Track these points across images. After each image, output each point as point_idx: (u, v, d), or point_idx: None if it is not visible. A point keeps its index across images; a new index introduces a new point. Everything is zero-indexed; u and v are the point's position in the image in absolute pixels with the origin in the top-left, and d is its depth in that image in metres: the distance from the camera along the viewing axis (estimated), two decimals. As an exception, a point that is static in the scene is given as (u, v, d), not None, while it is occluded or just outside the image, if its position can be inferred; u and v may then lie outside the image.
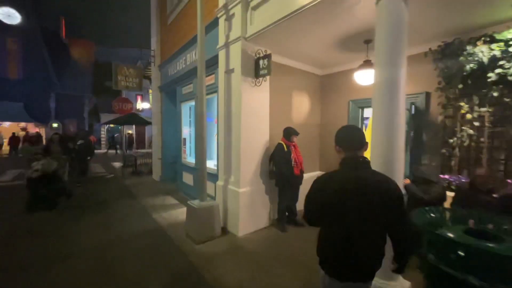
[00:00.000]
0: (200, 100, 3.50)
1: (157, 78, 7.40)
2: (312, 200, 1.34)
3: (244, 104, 3.55)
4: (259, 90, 3.75)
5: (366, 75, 3.44)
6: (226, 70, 3.80)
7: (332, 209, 1.25)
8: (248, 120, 3.62)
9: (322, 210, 1.29)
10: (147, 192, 6.14)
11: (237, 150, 3.59)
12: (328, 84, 5.04)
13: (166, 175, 7.29)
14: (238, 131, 3.58)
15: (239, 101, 3.55)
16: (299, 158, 3.75)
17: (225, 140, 3.91)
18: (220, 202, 3.90)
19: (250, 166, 3.71)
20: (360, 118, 4.57)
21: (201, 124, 3.51)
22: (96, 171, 9.77)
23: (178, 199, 5.50)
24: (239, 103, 3.55)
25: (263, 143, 3.87)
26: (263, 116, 3.87)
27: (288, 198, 3.85)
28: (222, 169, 3.96)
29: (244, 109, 3.55)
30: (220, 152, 4.00)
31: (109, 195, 5.94)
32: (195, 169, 5.18)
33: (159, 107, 7.47)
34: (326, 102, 5.09)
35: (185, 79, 5.55)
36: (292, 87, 4.55)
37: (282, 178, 3.71)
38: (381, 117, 2.12)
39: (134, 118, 8.79)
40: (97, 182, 7.47)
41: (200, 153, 3.52)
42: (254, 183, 3.75)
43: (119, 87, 6.85)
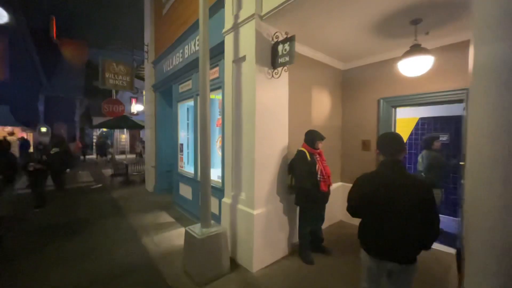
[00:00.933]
0: (203, 97, 2.70)
1: (150, 76, 6.59)
2: (353, 195, 1.68)
3: (259, 101, 2.77)
4: (277, 84, 2.98)
5: (416, 64, 2.69)
6: (235, 59, 3.02)
7: (368, 203, 1.57)
8: (264, 122, 2.83)
9: (361, 204, 1.63)
10: (138, 207, 5.28)
11: (250, 161, 2.79)
12: (352, 80, 4.29)
13: (160, 186, 6.44)
14: (251, 136, 2.79)
15: (252, 98, 2.77)
16: (326, 170, 2.96)
17: (234, 148, 3.11)
18: (227, 224, 3.09)
19: (266, 180, 2.91)
20: (394, 120, 3.82)
21: (204, 128, 2.70)
22: (83, 179, 8.86)
23: (173, 216, 4.65)
24: (252, 100, 2.77)
25: (281, 150, 3.08)
26: (281, 117, 3.08)
27: (312, 221, 3.05)
28: (230, 183, 3.15)
29: (259, 108, 2.77)
30: (227, 162, 3.20)
31: (92, 211, 5.06)
32: (194, 180, 4.35)
33: (152, 109, 6.65)
34: (349, 102, 4.34)
35: (182, 75, 4.76)
36: (311, 83, 3.79)
37: (304, 196, 2.91)
38: (492, 113, 1.34)
39: (125, 122, 7.94)
40: (80, 194, 6.56)
41: (203, 165, 2.71)
42: (270, 202, 2.95)
43: (106, 86, 6.02)
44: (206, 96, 2.68)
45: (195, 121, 4.36)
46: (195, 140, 4.40)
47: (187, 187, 4.72)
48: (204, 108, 2.69)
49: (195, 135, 4.38)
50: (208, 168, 2.72)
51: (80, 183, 8.30)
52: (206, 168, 2.70)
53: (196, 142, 4.36)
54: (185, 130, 5.30)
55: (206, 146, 2.70)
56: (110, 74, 5.93)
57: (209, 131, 2.72)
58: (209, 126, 2.72)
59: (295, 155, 3.01)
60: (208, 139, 2.71)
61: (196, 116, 4.33)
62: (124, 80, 6.11)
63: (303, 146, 3.02)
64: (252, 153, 2.75)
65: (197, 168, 4.34)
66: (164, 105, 6.39)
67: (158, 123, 6.46)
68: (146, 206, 5.34)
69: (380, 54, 3.76)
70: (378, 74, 3.86)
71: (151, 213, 4.83)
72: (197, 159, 4.32)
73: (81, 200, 5.91)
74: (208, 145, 2.71)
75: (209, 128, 2.71)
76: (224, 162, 3.37)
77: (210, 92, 2.77)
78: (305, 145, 3.01)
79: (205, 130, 2.69)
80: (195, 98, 4.33)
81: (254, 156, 2.73)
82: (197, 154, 4.32)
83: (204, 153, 2.70)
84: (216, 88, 3.64)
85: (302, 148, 2.99)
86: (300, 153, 2.95)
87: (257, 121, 2.74)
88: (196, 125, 4.34)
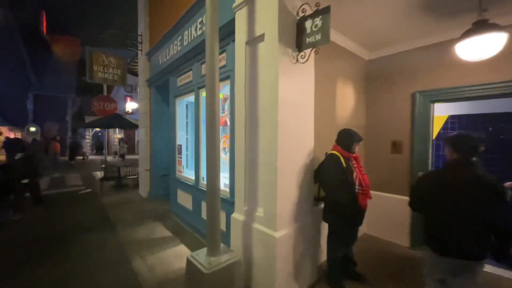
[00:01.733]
0: (211, 88, 2.06)
1: (145, 69, 5.93)
2: (417, 192, 1.76)
3: (282, 93, 2.15)
4: (302, 71, 2.37)
5: (483, 44, 2.10)
6: (249, 40, 2.41)
7: (432, 199, 1.63)
8: (288, 120, 2.22)
9: (424, 200, 1.69)
10: (129, 217, 4.62)
11: (271, 168, 2.18)
12: (379, 72, 3.70)
13: (156, 191, 5.78)
14: (272, 138, 2.17)
15: (273, 89, 2.16)
16: (365, 179, 2.36)
17: (247, 151, 2.49)
18: (239, 247, 2.47)
19: (290, 192, 2.29)
20: (432, 117, 3.24)
21: (212, 126, 2.07)
22: (72, 183, 8.14)
23: (171, 229, 4.01)
24: (273, 91, 2.16)
25: (307, 155, 2.47)
26: (307, 113, 2.47)
27: (346, 243, 2.45)
28: (242, 195, 2.53)
29: (282, 101, 2.15)
30: (238, 169, 2.58)
31: (76, 222, 4.38)
32: (196, 188, 3.72)
33: (147, 106, 5.99)
34: (375, 96, 3.76)
35: (181, 66, 4.12)
36: (334, 74, 3.19)
37: (337, 212, 2.31)
38: None
39: (117, 120, 7.25)
40: (66, 201, 5.85)
41: (211, 174, 2.07)
42: (296, 220, 2.34)
43: (95, 80, 5.34)
44: (214, 86, 2.06)
45: (196, 119, 3.73)
46: (195, 141, 3.77)
47: (187, 195, 4.09)
48: (212, 102, 2.06)
49: (196, 135, 3.75)
50: (217, 177, 2.09)
51: (68, 187, 7.59)
52: (214, 178, 2.08)
53: (197, 143, 3.72)
54: (184, 129, 4.67)
55: (215, 149, 2.07)
56: (99, 67, 5.26)
57: (218, 130, 2.09)
58: (218, 123, 2.09)
59: (325, 160, 2.41)
60: (217, 140, 2.08)
61: (197, 113, 3.70)
62: (115, 73, 5.44)
63: (335, 149, 2.41)
64: (274, 159, 2.14)
65: (198, 174, 3.71)
66: (160, 102, 5.73)
67: (154, 122, 5.80)
68: (139, 215, 4.68)
69: (420, 39, 3.17)
70: (415, 63, 3.29)
71: (145, 225, 4.18)
72: (199, 164, 3.69)
73: (66, 208, 5.22)
74: (217, 147, 2.08)
75: (218, 126, 2.09)
76: (233, 168, 2.75)
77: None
78: (338, 147, 2.40)
79: (214, 129, 2.06)
80: (196, 92, 3.70)
81: (277, 162, 2.12)
82: (198, 157, 3.69)
83: (212, 158, 2.07)
84: (222, 78, 3.02)
85: (335, 152, 2.38)
86: (332, 157, 2.34)
87: (280, 119, 2.13)
88: (198, 123, 3.71)
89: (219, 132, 2.14)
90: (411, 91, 3.34)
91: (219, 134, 2.11)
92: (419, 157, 3.26)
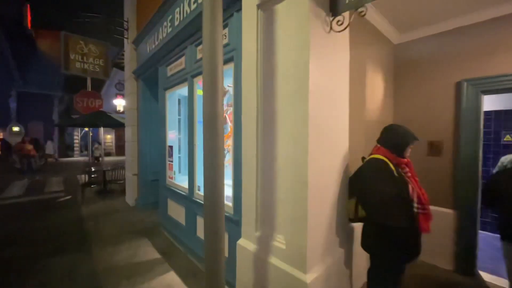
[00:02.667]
0: (211, 68, 1.37)
1: (131, 59, 5.20)
2: (489, 187, 1.95)
3: (314, 74, 1.50)
4: (337, 44, 1.73)
5: None
6: (263, 2, 1.75)
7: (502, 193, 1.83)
8: (320, 112, 1.57)
9: (495, 194, 1.89)
10: (112, 232, 3.89)
11: (299, 179, 1.51)
12: (411, 58, 3.08)
13: (144, 199, 5.06)
14: (299, 137, 1.51)
15: (302, 68, 1.50)
16: (423, 192, 1.72)
17: (260, 156, 1.83)
18: (248, 286, 1.81)
19: (323, 214, 1.64)
20: (482, 111, 2.63)
21: (213, 119, 1.38)
22: (51, 189, 7.32)
23: (159, 248, 3.31)
24: (302, 71, 1.50)
25: (341, 160, 1.82)
26: (341, 103, 1.83)
27: (396, 282, 1.80)
28: (252, 213, 1.86)
29: (314, 86, 1.50)
30: (247, 178, 1.91)
31: (46, 238, 3.64)
32: (190, 199, 3.04)
33: (134, 101, 5.26)
34: (406, 88, 3.14)
35: (172, 51, 3.43)
36: (360, 58, 2.55)
37: (388, 239, 1.66)
38: None
39: (101, 118, 6.48)
40: (38, 212, 5.06)
41: (210, 185, 1.39)
42: (329, 251, 1.69)
43: (71, 70, 4.59)
44: (216, 65, 1.38)
45: (190, 114, 3.05)
46: (189, 142, 3.09)
47: (179, 207, 3.40)
48: (214, 87, 1.38)
49: (190, 135, 3.07)
50: (220, 189, 1.41)
51: (47, 193, 6.78)
52: (216, 191, 1.40)
53: (192, 145, 3.04)
54: (176, 128, 3.97)
55: (217, 151, 1.39)
56: (77, 56, 4.52)
57: (221, 125, 1.41)
58: (221, 115, 1.41)
59: (366, 167, 1.76)
60: (220, 138, 1.40)
61: (191, 107, 3.02)
62: (96, 64, 4.69)
63: (379, 152, 1.76)
64: (303, 167, 1.48)
65: (193, 182, 3.02)
66: (149, 97, 5.02)
67: (142, 120, 5.08)
68: (123, 229, 3.96)
69: (471, 13, 2.55)
70: (461, 45, 2.67)
71: (128, 243, 3.47)
72: (193, 170, 3.01)
73: (37, 221, 4.46)
74: (220, 149, 1.40)
75: (221, 120, 1.41)
76: (238, 175, 2.08)
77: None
78: (385, 150, 1.75)
79: (215, 123, 1.39)
80: (190, 82, 3.02)
81: (308, 172, 1.46)
82: (193, 162, 3.01)
83: (213, 163, 1.39)
84: (224, 61, 2.34)
85: (380, 156, 1.73)
86: (378, 163, 1.69)
87: (311, 112, 1.47)
88: (192, 120, 3.03)
89: (223, 131, 1.46)
90: (455, 80, 2.73)
91: (222, 135, 1.44)
92: (466, 161, 2.64)
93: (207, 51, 1.37)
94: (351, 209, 1.88)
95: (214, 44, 1.36)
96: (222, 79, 1.42)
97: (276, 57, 1.68)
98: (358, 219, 1.90)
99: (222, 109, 1.42)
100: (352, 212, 1.89)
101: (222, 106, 1.42)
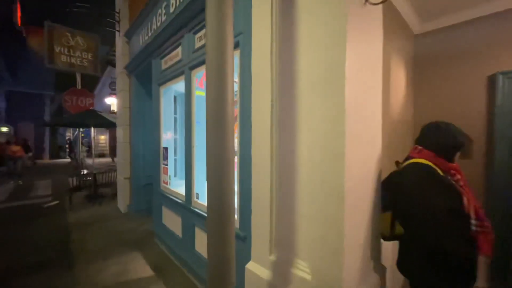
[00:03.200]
0: (220, 47, 1.01)
1: (123, 54, 4.81)
2: None
3: (351, 57, 1.15)
4: (371, 21, 1.39)
5: None
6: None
7: None
8: (358, 104, 1.23)
9: None
10: (100, 243, 3.50)
11: (333, 192, 1.17)
12: (435, 49, 2.77)
13: (137, 205, 4.67)
14: (332, 137, 1.16)
15: (337, 47, 1.16)
16: (479, 206, 1.38)
17: (275, 160, 1.48)
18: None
19: (358, 233, 1.30)
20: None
21: (221, 108, 1.01)
22: (38, 193, 6.87)
23: (152, 262, 2.94)
24: (337, 52, 1.15)
25: (375, 166, 1.48)
26: (375, 93, 1.49)
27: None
28: (265, 231, 1.51)
29: (351, 71, 1.15)
30: (258, 189, 1.56)
31: (24, 254, 3.23)
32: (187, 208, 2.68)
33: (126, 99, 4.88)
34: (428, 82, 2.83)
35: (167, 41, 3.07)
36: (386, 47, 2.22)
37: (444, 267, 1.32)
38: None
39: (91, 118, 6.05)
40: (21, 219, 4.62)
41: (215, 193, 1.04)
42: (363, 279, 1.34)
43: (56, 65, 4.18)
44: (226, 52, 1.02)
45: (188, 112, 2.69)
46: (187, 143, 2.72)
47: (175, 216, 3.02)
48: (223, 68, 1.02)
49: (188, 135, 2.70)
50: (229, 205, 1.05)
51: (33, 198, 6.33)
52: (223, 207, 1.04)
53: (189, 147, 2.68)
54: (172, 128, 3.60)
55: (225, 157, 1.04)
56: (63, 49, 4.12)
57: (231, 125, 1.06)
58: (232, 103, 1.05)
59: (406, 174, 1.42)
60: (229, 142, 1.05)
61: (189, 103, 2.66)
62: (84, 58, 4.30)
63: (424, 156, 1.42)
64: (337, 177, 1.14)
65: (191, 189, 2.66)
66: (142, 95, 4.64)
67: (134, 119, 4.70)
68: (112, 240, 3.57)
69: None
70: (494, 33, 2.37)
71: (117, 257, 3.08)
72: (191, 175, 2.64)
73: (18, 230, 4.03)
74: (228, 154, 1.04)
75: (232, 109, 1.05)
76: (246, 181, 1.73)
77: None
78: (429, 153, 1.41)
79: (222, 122, 1.03)
80: (188, 74, 2.66)
81: (343, 182, 1.11)
82: (190, 166, 2.65)
83: (222, 169, 1.03)
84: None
85: (424, 161, 1.40)
86: (425, 169, 1.35)
87: (348, 106, 1.13)
88: (189, 118, 2.67)
89: (233, 133, 1.10)
90: (487, 73, 2.42)
91: (232, 137, 1.08)
92: (502, 165, 2.33)
93: (213, 22, 1.01)
94: (386, 225, 1.54)
95: (222, 17, 1.00)
96: (233, 60, 1.06)
97: (298, 34, 1.34)
98: (394, 237, 1.57)
99: (233, 104, 1.06)
100: (387, 228, 1.55)
101: (232, 100, 1.06)
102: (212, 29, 1.02)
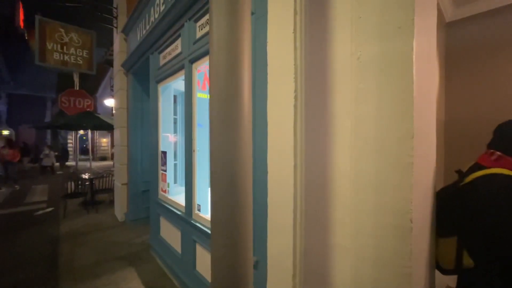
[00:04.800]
0: (234, 20, 0.68)
1: (121, 51, 4.52)
2: None
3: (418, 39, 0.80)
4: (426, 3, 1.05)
5: None
6: None
7: None
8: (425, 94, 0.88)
9: None
10: (91, 257, 3.16)
11: (394, 220, 0.82)
12: (469, 39, 2.42)
13: (134, 213, 4.33)
14: (400, 140, 0.81)
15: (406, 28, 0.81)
16: None
17: (300, 173, 1.13)
18: None
19: (422, 270, 0.94)
20: None
21: (237, 96, 0.68)
22: (33, 199, 6.56)
23: (148, 282, 2.59)
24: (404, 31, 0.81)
25: (433, 176, 1.13)
26: (432, 86, 1.15)
27: None
28: (286, 264, 1.16)
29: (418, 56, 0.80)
30: (276, 206, 1.21)
31: (8, 268, 2.89)
32: (187, 222, 2.33)
33: (123, 99, 4.57)
34: (462, 75, 2.47)
35: (166, 32, 2.75)
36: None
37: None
38: None
39: (88, 119, 5.77)
40: (10, 228, 4.28)
41: (224, 205, 0.70)
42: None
43: (48, 62, 3.89)
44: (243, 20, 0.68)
45: (188, 112, 2.36)
46: (187, 146, 2.38)
47: (174, 229, 2.68)
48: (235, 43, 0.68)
49: (188, 138, 2.37)
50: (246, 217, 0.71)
51: (27, 204, 6.03)
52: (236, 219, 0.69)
53: (190, 151, 2.34)
54: (171, 129, 3.28)
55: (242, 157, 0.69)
56: (55, 45, 3.84)
57: (248, 122, 0.72)
58: (247, 112, 0.71)
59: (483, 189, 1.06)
60: (246, 137, 0.71)
61: (189, 102, 2.33)
62: (78, 55, 4.01)
63: (505, 165, 1.07)
64: (402, 197, 0.78)
65: (191, 200, 2.31)
66: (140, 94, 4.34)
67: (132, 121, 4.39)
68: (106, 254, 3.23)
69: None
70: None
71: (109, 274, 2.74)
72: (192, 183, 2.30)
73: (8, 240, 3.71)
74: (246, 153, 0.70)
75: (249, 99, 0.72)
76: (260, 195, 1.37)
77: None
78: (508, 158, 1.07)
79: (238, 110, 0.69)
80: (188, 69, 2.33)
81: (410, 205, 0.76)
82: (191, 174, 2.31)
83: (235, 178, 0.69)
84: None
85: (506, 171, 1.04)
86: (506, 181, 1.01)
87: (417, 95, 0.78)
88: (190, 118, 2.33)
89: (250, 133, 0.75)
90: (538, 64, 2.07)
91: (249, 135, 0.73)
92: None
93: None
94: (449, 255, 1.18)
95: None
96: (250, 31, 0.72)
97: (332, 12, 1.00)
98: (460, 270, 1.20)
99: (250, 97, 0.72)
100: (451, 259, 1.18)
101: (250, 85, 0.72)
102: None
